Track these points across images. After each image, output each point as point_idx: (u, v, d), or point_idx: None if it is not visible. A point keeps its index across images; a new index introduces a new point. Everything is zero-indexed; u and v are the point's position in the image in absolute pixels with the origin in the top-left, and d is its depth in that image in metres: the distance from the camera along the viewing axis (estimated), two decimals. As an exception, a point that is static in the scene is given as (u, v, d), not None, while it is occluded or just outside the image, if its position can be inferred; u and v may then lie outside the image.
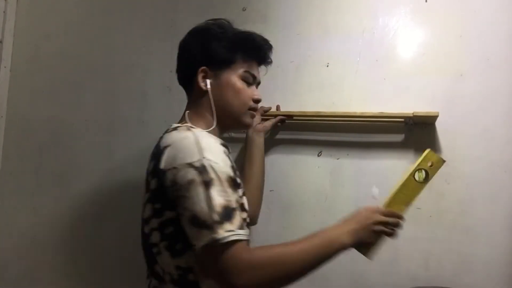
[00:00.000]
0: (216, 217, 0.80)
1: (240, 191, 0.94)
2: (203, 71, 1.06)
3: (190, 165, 0.84)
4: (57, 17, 1.82)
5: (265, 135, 1.40)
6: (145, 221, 0.97)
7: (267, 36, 1.53)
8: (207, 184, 0.83)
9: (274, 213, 1.44)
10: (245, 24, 1.15)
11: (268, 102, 1.47)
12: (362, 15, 1.48)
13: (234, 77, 1.07)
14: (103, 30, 1.76)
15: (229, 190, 0.86)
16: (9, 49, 1.82)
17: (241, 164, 1.36)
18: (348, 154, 1.45)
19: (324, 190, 1.46)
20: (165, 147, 0.92)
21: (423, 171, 1.01)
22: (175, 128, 0.99)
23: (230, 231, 0.80)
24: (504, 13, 1.36)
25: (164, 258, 0.93)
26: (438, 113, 1.29)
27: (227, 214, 0.82)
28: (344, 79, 1.47)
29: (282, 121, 1.43)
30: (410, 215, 1.37)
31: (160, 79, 1.66)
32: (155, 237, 0.94)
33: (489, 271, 1.31)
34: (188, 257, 0.90)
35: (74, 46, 1.78)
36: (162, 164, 0.89)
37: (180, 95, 1.64)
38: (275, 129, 1.48)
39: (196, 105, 1.09)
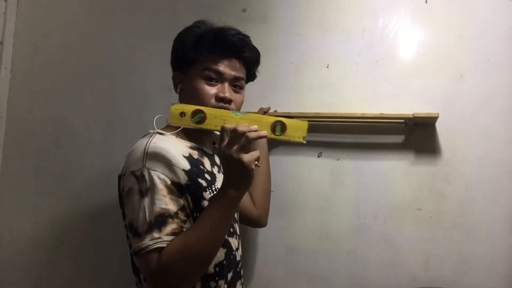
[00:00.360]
0: (145, 226, 0.83)
1: (208, 193, 0.96)
2: (174, 76, 1.10)
3: (133, 173, 0.88)
4: (57, 18, 1.82)
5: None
6: (124, 223, 1.01)
7: (267, 37, 1.55)
8: (143, 193, 0.85)
9: (274, 213, 1.44)
10: (245, 25, 1.15)
11: (268, 102, 1.47)
12: (362, 16, 1.48)
13: (196, 77, 1.03)
14: (103, 31, 1.76)
15: (167, 198, 0.86)
16: (10, 50, 1.82)
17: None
18: (348, 155, 1.45)
19: (324, 190, 1.46)
20: (128, 154, 0.97)
21: (280, 125, 0.92)
22: (146, 135, 1.01)
23: (156, 239, 0.82)
24: (504, 13, 1.36)
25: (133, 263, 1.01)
26: (438, 114, 1.29)
27: (158, 222, 0.84)
28: (344, 80, 1.47)
29: None
30: (410, 216, 1.38)
31: (160, 79, 1.66)
32: (127, 238, 0.98)
33: (490, 272, 1.31)
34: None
35: (74, 46, 1.78)
36: (120, 171, 0.96)
37: (180, 96, 1.65)
38: None
39: None
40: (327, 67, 1.49)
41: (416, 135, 1.39)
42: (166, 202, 0.86)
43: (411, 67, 1.42)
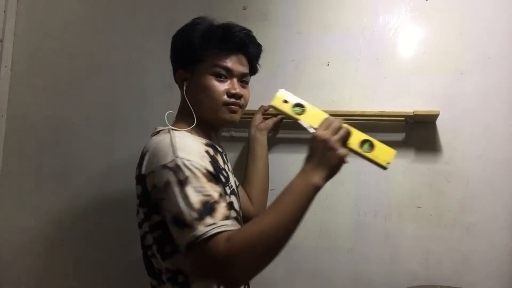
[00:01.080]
0: (194, 214, 0.79)
1: (227, 189, 0.97)
2: (179, 74, 1.08)
3: (165, 166, 0.84)
4: (57, 16, 1.81)
5: (268, 134, 1.39)
6: (139, 225, 1.00)
7: (267, 35, 1.54)
8: (182, 182, 0.82)
9: (274, 211, 1.44)
10: (245, 22, 1.14)
11: (268, 100, 1.46)
12: (362, 13, 1.48)
13: (205, 75, 1.03)
14: (103, 29, 1.75)
15: (208, 185, 0.84)
16: (10, 48, 1.82)
17: (244, 163, 1.36)
18: (348, 153, 1.45)
19: (324, 188, 1.45)
20: (146, 152, 0.94)
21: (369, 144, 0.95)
22: (157, 132, 1.01)
23: (211, 224, 0.78)
24: (505, 11, 1.36)
25: (157, 260, 0.95)
26: (438, 111, 1.29)
27: (207, 209, 0.80)
28: (344, 78, 1.47)
29: (282, 119, 1.43)
30: (410, 213, 1.38)
31: (160, 77, 1.66)
32: (149, 239, 0.97)
33: (490, 269, 1.31)
34: (177, 259, 0.90)
35: (74, 44, 1.78)
36: (143, 170, 0.92)
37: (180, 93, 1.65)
38: (278, 128, 1.47)
39: (181, 106, 1.10)
40: (328, 65, 1.49)
41: (416, 133, 1.39)
42: (208, 189, 0.82)
43: (411, 65, 1.42)
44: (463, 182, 1.35)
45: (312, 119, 0.93)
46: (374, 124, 1.42)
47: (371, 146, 0.93)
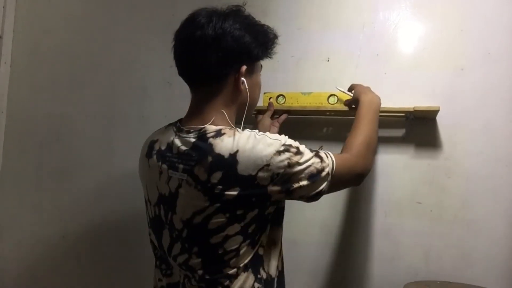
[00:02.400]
0: (319, 163, 0.91)
1: None
2: (245, 70, 0.96)
3: (277, 152, 0.87)
4: (57, 13, 1.81)
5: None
6: (215, 231, 0.90)
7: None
8: (297, 151, 0.90)
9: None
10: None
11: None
12: (362, 9, 1.47)
13: (258, 73, 1.04)
14: (103, 25, 1.75)
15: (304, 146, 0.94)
16: (9, 45, 1.82)
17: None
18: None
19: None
20: (233, 154, 0.86)
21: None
22: (219, 133, 0.90)
23: (325, 154, 0.94)
24: (505, 7, 1.36)
25: (243, 254, 0.92)
26: (439, 107, 1.29)
27: (320, 156, 0.94)
28: (344, 74, 1.47)
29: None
30: (410, 209, 1.39)
31: (160, 74, 1.66)
32: (234, 242, 0.91)
33: (490, 265, 1.31)
34: (262, 238, 0.95)
35: (74, 41, 1.78)
36: (247, 171, 0.85)
37: (180, 90, 1.64)
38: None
39: (223, 104, 0.97)
40: (328, 61, 1.49)
41: (416, 129, 1.39)
42: (308, 149, 0.94)
43: (411, 61, 1.42)
44: (464, 178, 1.35)
45: (291, 101, 1.44)
46: (374, 120, 1.42)
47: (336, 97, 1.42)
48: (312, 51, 1.51)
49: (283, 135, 0.93)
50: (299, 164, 0.88)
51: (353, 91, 1.29)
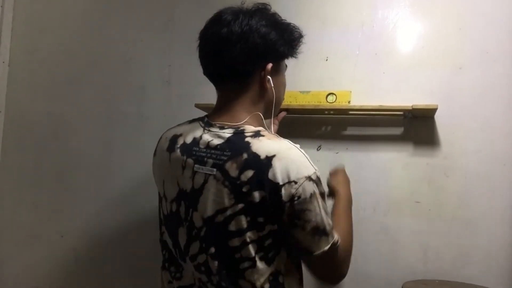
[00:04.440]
0: (329, 226, 0.88)
1: None
2: (271, 68, 0.94)
3: (309, 178, 0.84)
4: (55, 12, 1.81)
5: None
6: (234, 234, 0.87)
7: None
8: (323, 195, 0.87)
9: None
10: (243, 17, 1.14)
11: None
12: (361, 8, 1.47)
13: (283, 72, 1.02)
14: (101, 25, 1.75)
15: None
16: (7, 44, 1.81)
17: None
18: (347, 148, 1.45)
19: (323, 184, 1.45)
20: (269, 157, 0.83)
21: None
22: (258, 134, 0.89)
23: (336, 234, 0.90)
24: (503, 6, 1.36)
25: (258, 269, 0.88)
26: (437, 106, 1.29)
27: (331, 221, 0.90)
28: (343, 73, 1.47)
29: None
30: (409, 208, 1.39)
31: (158, 73, 1.66)
32: (250, 250, 0.87)
33: (488, 264, 1.31)
34: (278, 262, 0.91)
35: (73, 40, 1.77)
36: (276, 178, 0.82)
37: (179, 89, 1.65)
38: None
39: (251, 102, 0.95)
40: (326, 60, 1.49)
41: (415, 128, 1.39)
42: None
43: (410, 60, 1.42)
44: (462, 177, 1.35)
45: (289, 99, 1.43)
46: (372, 119, 1.43)
47: (334, 96, 1.42)
48: (310, 50, 1.50)
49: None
50: (319, 207, 0.86)
51: (332, 176, 1.24)
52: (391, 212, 1.40)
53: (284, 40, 0.96)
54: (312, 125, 1.49)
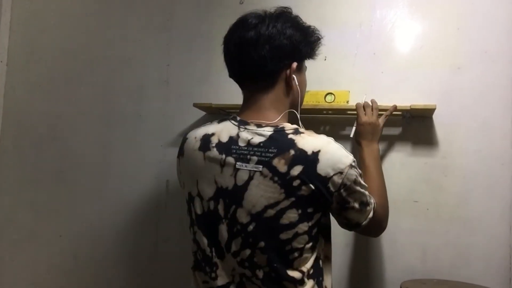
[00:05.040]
0: (368, 194, 0.99)
1: None
2: (296, 67, 1.00)
3: (351, 166, 0.92)
4: (53, 11, 1.80)
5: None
6: (286, 227, 0.92)
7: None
8: (361, 175, 0.97)
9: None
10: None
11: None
12: (359, 8, 1.48)
13: (304, 71, 1.07)
14: (99, 24, 1.75)
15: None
16: (5, 43, 1.81)
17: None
18: (346, 148, 1.45)
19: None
20: (315, 152, 0.90)
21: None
22: (297, 131, 0.95)
23: (372, 198, 1.02)
24: (502, 5, 1.36)
25: (304, 257, 0.95)
26: (435, 105, 1.29)
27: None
28: (341, 73, 1.47)
29: None
30: (407, 208, 1.39)
31: (157, 72, 1.66)
32: (301, 240, 0.93)
33: (486, 263, 1.32)
34: (318, 249, 1.00)
35: (71, 40, 1.77)
36: (323, 171, 0.90)
37: (177, 89, 1.65)
38: None
39: (278, 100, 1.01)
40: (325, 59, 1.49)
41: (413, 127, 1.39)
42: None
43: (408, 60, 1.42)
44: (460, 177, 1.35)
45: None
46: (371, 119, 1.42)
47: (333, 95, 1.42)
48: (309, 49, 1.51)
49: None
50: (361, 185, 0.96)
51: (360, 117, 1.29)
52: (390, 211, 1.40)
53: (306, 41, 1.02)
54: (311, 125, 1.47)
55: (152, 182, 1.64)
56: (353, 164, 0.93)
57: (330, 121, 1.48)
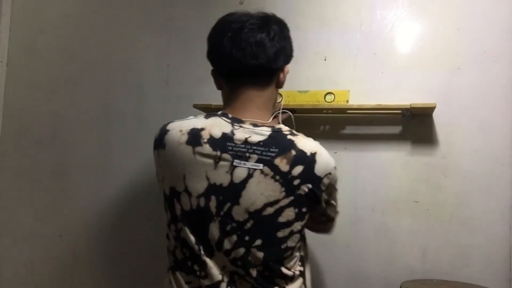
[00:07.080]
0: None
1: None
2: (285, 69, 1.04)
3: (335, 168, 0.99)
4: (53, 11, 1.81)
5: None
6: (283, 225, 0.93)
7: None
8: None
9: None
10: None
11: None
12: (360, 8, 1.48)
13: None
14: (100, 24, 1.75)
15: None
16: (5, 44, 1.81)
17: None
18: (345, 148, 1.45)
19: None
20: (313, 154, 0.95)
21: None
22: (292, 133, 0.98)
23: None
24: (501, 6, 1.36)
25: (294, 256, 0.99)
26: (435, 104, 1.29)
27: None
28: (342, 73, 1.47)
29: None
30: (407, 208, 1.39)
31: (157, 73, 1.66)
32: (294, 239, 0.96)
33: (486, 263, 1.32)
34: (302, 248, 1.05)
35: (71, 40, 1.77)
36: (319, 172, 0.95)
37: (177, 89, 1.65)
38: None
39: (268, 101, 1.02)
40: (325, 60, 1.49)
41: (413, 126, 1.40)
42: None
43: (408, 60, 1.42)
44: (460, 177, 1.36)
45: (288, 99, 1.43)
46: (371, 118, 1.43)
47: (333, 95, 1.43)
48: (309, 50, 1.51)
49: None
50: (336, 186, 1.04)
51: None
52: (390, 211, 1.40)
53: (291, 47, 1.05)
54: (311, 124, 1.49)
55: (152, 182, 1.64)
56: (335, 165, 1.00)
57: (330, 120, 1.48)
